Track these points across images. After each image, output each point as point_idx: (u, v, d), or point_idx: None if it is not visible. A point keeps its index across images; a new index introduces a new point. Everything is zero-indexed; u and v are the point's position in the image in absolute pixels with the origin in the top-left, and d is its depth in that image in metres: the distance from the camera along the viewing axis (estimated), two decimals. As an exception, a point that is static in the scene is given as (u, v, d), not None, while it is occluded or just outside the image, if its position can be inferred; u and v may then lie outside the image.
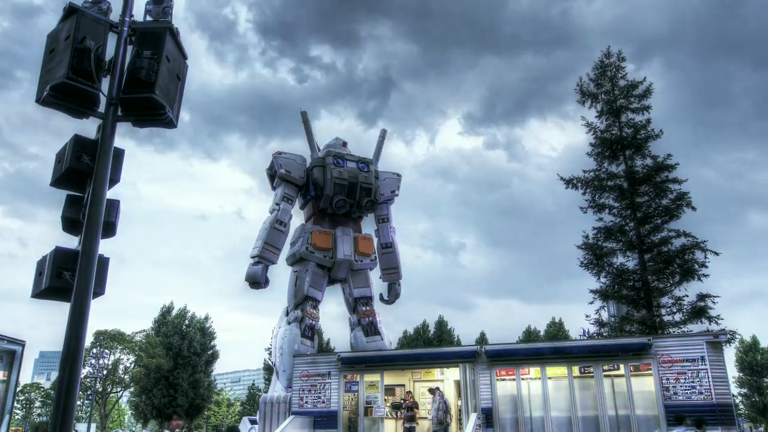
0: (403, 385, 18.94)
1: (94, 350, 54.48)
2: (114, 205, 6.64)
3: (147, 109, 6.62)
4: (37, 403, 75.54)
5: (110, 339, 55.66)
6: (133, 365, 57.03)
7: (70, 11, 6.55)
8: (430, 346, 49.84)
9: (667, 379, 13.92)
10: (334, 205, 20.46)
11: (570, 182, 23.94)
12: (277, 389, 18.68)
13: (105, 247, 6.28)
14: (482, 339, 60.73)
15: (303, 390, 17.13)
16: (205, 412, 68.02)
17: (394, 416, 18.12)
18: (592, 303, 22.73)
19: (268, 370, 52.33)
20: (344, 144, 21.98)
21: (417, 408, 18.46)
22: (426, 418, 18.18)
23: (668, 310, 21.58)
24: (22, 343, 11.68)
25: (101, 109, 6.53)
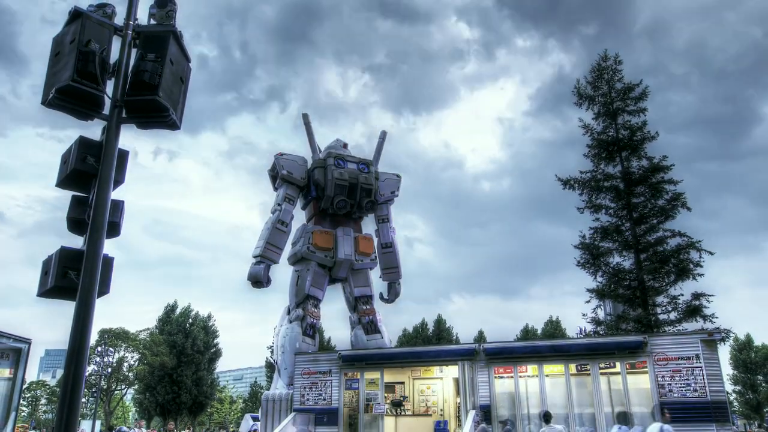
0: (403, 383, 19.12)
1: (99, 348, 54.85)
2: (118, 206, 6.69)
3: (151, 111, 6.70)
4: (43, 401, 76.05)
5: (115, 337, 56.05)
6: (137, 363, 57.41)
7: (75, 15, 6.61)
8: (429, 344, 49.98)
9: (663, 376, 14.03)
10: (334, 205, 20.63)
11: (567, 183, 24.06)
12: (278, 387, 18.86)
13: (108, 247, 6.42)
14: (480, 337, 61.08)
15: (304, 387, 17.27)
16: (208, 410, 68.35)
17: (394, 413, 18.30)
18: (588, 302, 22.95)
19: (270, 367, 52.51)
20: (345, 145, 22.19)
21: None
22: (429, 415, 18.37)
23: (664, 308, 21.69)
24: (28, 342, 11.86)
25: (106, 111, 6.60)
